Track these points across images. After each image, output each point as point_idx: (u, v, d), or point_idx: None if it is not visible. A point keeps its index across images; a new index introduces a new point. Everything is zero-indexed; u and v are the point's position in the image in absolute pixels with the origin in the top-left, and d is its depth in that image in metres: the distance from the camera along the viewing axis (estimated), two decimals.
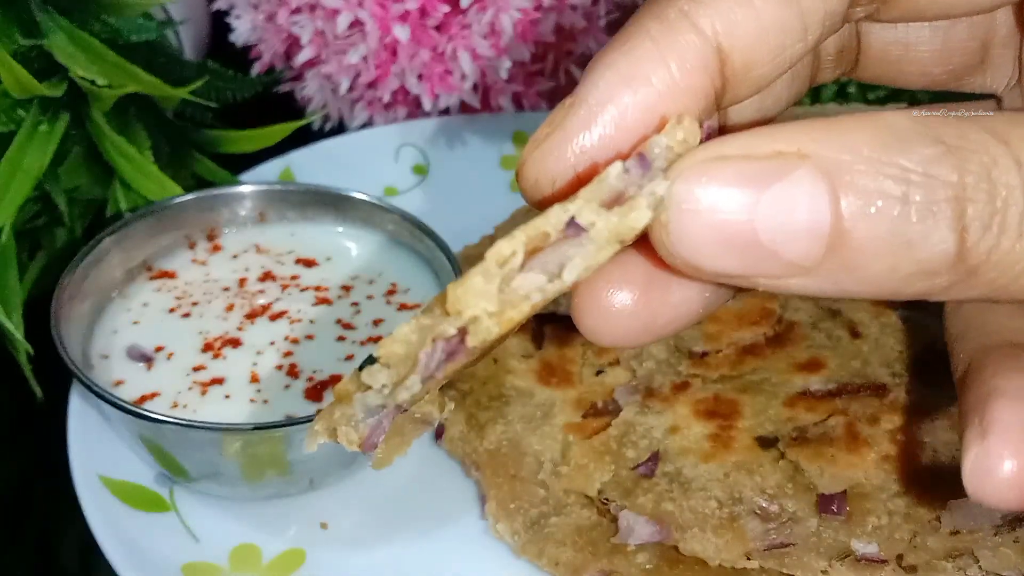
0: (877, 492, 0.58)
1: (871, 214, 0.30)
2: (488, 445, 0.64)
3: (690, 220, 0.31)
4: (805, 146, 0.30)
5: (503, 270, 0.31)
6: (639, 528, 0.58)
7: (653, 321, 0.37)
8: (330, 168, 0.87)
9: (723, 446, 0.60)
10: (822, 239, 0.30)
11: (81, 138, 0.73)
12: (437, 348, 0.32)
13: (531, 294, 0.32)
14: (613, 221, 0.31)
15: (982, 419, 0.35)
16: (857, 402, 0.62)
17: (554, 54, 0.89)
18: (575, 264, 0.32)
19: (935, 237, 0.30)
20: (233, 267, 0.74)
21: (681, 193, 0.31)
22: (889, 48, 0.43)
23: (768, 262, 0.31)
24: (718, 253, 0.31)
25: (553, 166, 0.35)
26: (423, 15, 0.84)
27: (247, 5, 0.89)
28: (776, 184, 0.30)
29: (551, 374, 0.67)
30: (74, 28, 0.71)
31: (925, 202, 0.30)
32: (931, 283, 0.31)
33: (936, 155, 0.30)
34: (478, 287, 0.31)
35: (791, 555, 0.56)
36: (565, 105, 0.35)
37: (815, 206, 0.30)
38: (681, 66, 0.34)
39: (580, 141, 0.35)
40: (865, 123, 0.31)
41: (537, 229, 0.31)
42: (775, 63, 0.35)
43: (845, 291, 0.32)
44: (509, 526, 0.61)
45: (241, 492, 0.65)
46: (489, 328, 0.31)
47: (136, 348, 0.67)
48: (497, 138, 0.90)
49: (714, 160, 0.31)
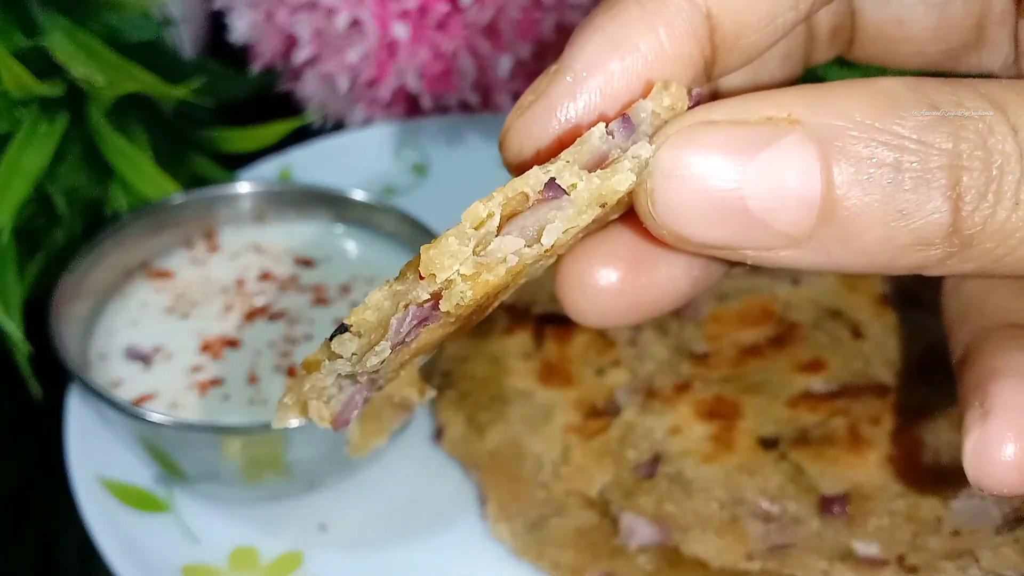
0: (878, 493, 0.58)
1: (864, 182, 0.29)
2: (488, 446, 0.64)
3: (676, 187, 0.30)
4: (796, 111, 0.30)
5: (479, 232, 0.30)
6: (640, 529, 0.58)
7: (639, 300, 0.36)
8: (329, 167, 0.86)
9: (724, 447, 0.60)
10: (813, 208, 0.30)
11: (80, 138, 0.72)
12: (409, 313, 0.31)
13: (508, 257, 0.30)
14: (595, 183, 0.31)
15: (983, 401, 0.34)
16: (859, 403, 0.62)
17: (554, 53, 0.89)
18: (554, 227, 0.30)
19: (929, 206, 0.29)
20: (232, 267, 0.74)
21: (667, 159, 0.30)
22: (884, 26, 0.42)
23: (757, 232, 0.30)
24: (705, 222, 0.31)
25: (537, 134, 0.34)
26: (423, 14, 0.84)
27: (246, 4, 0.89)
28: (765, 150, 0.30)
29: (551, 374, 0.67)
30: (73, 28, 0.71)
31: (919, 170, 0.29)
32: (925, 254, 0.30)
33: (931, 122, 0.29)
34: (451, 248, 0.30)
35: (792, 556, 0.56)
36: (550, 72, 0.34)
37: (806, 173, 0.29)
38: (670, 32, 0.33)
39: (565, 109, 0.34)
40: (859, 88, 0.30)
41: (515, 190, 0.31)
42: (766, 31, 0.34)
43: (837, 263, 0.31)
44: (509, 527, 0.61)
45: (240, 493, 0.65)
46: (463, 292, 0.30)
47: (134, 348, 0.67)
48: (497, 138, 0.90)
49: (701, 125, 0.31)
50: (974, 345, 0.37)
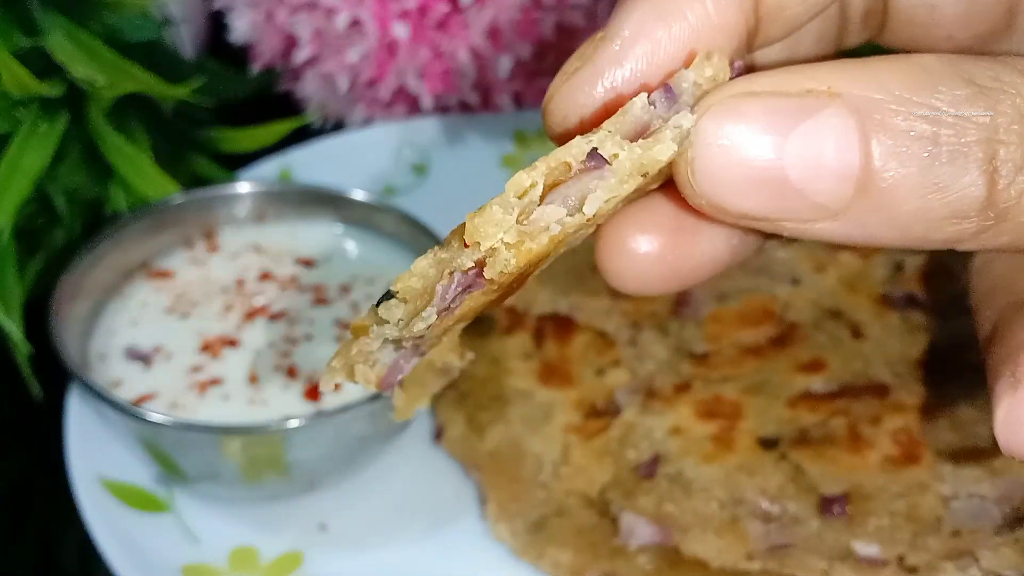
0: (878, 493, 0.58)
1: (901, 154, 0.29)
2: (488, 446, 0.64)
3: (716, 157, 0.31)
4: (836, 84, 0.30)
5: (522, 201, 0.30)
6: (640, 529, 0.58)
7: (679, 267, 0.36)
8: (329, 167, 0.86)
9: (724, 447, 0.60)
10: (851, 180, 0.30)
11: (80, 138, 0.72)
12: (454, 280, 0.31)
13: (550, 225, 0.31)
14: (636, 153, 0.31)
15: (1014, 371, 0.34)
16: (859, 403, 0.61)
17: (555, 53, 0.89)
18: (596, 196, 0.31)
19: (965, 179, 0.29)
20: (231, 267, 0.74)
21: (708, 129, 0.31)
22: (915, 11, 0.42)
23: (795, 203, 0.31)
24: (744, 193, 0.31)
25: (582, 101, 0.34)
26: (423, 14, 0.84)
27: (246, 4, 0.89)
28: (805, 122, 0.30)
29: (551, 374, 0.67)
30: (73, 28, 0.71)
31: (956, 143, 0.29)
32: (960, 227, 0.30)
33: (968, 96, 0.30)
34: (496, 217, 0.30)
35: (792, 556, 0.56)
36: (596, 39, 0.34)
37: (845, 145, 0.30)
38: (716, 2, 0.33)
39: (610, 76, 0.34)
40: (897, 63, 0.30)
41: (558, 160, 0.31)
42: (808, 4, 0.35)
43: (873, 236, 0.31)
44: (509, 527, 0.61)
45: (240, 493, 0.65)
46: (507, 259, 0.30)
47: (134, 348, 0.67)
48: (497, 138, 0.90)
49: (743, 96, 0.31)
50: (1003, 320, 0.37)
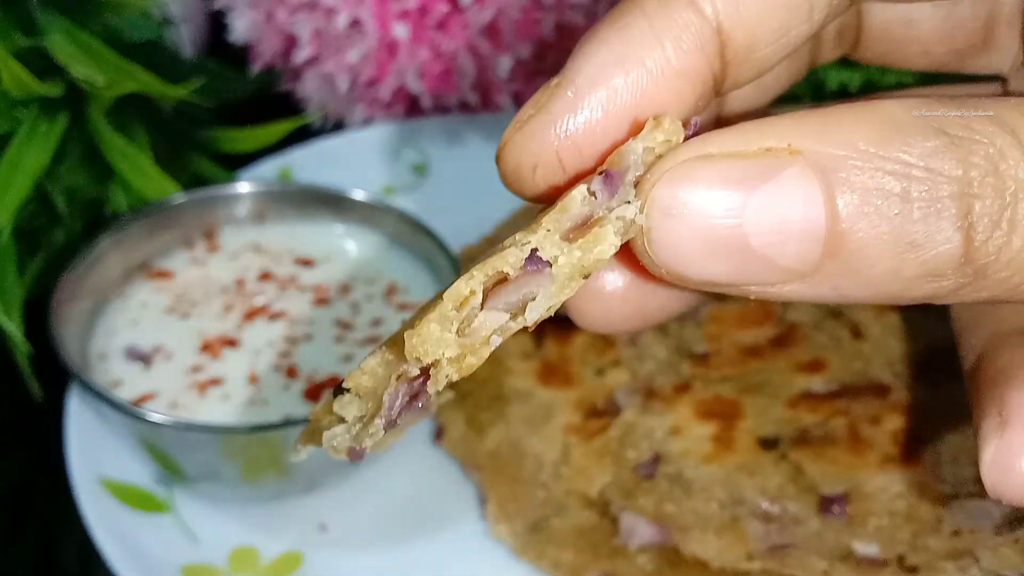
0: (878, 493, 0.58)
1: (870, 213, 0.28)
2: (488, 446, 0.64)
3: (673, 226, 0.29)
4: (796, 141, 0.29)
5: (462, 312, 0.30)
6: (640, 529, 0.58)
7: (646, 305, 0.36)
8: (329, 167, 0.86)
9: (724, 447, 0.60)
10: (818, 241, 0.29)
11: (80, 137, 0.72)
12: (400, 390, 0.31)
13: (491, 337, 0.30)
14: (576, 256, 0.30)
15: (1001, 410, 0.34)
16: (859, 403, 0.61)
17: (554, 53, 0.89)
18: (537, 304, 0.30)
19: (940, 236, 0.28)
20: (231, 267, 0.74)
21: (662, 196, 0.29)
22: (890, 27, 0.41)
23: (760, 268, 0.29)
24: (705, 260, 0.30)
25: (536, 150, 0.33)
26: (423, 14, 0.84)
27: (246, 4, 0.89)
28: (766, 184, 0.29)
29: (551, 374, 0.67)
30: (73, 28, 0.71)
31: (928, 199, 0.28)
32: (937, 285, 0.29)
33: (938, 147, 0.28)
34: (434, 335, 0.29)
35: (792, 556, 0.56)
36: (551, 85, 0.33)
37: (809, 206, 0.28)
38: (677, 47, 0.32)
39: (565, 125, 0.32)
40: (861, 113, 0.29)
41: (495, 268, 0.30)
42: (779, 44, 0.33)
43: (845, 296, 0.30)
44: (509, 527, 0.61)
45: (240, 493, 0.65)
46: (449, 374, 0.30)
47: (134, 348, 0.67)
48: (497, 138, 0.89)
49: (698, 160, 0.29)
50: (988, 352, 0.37)
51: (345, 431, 0.32)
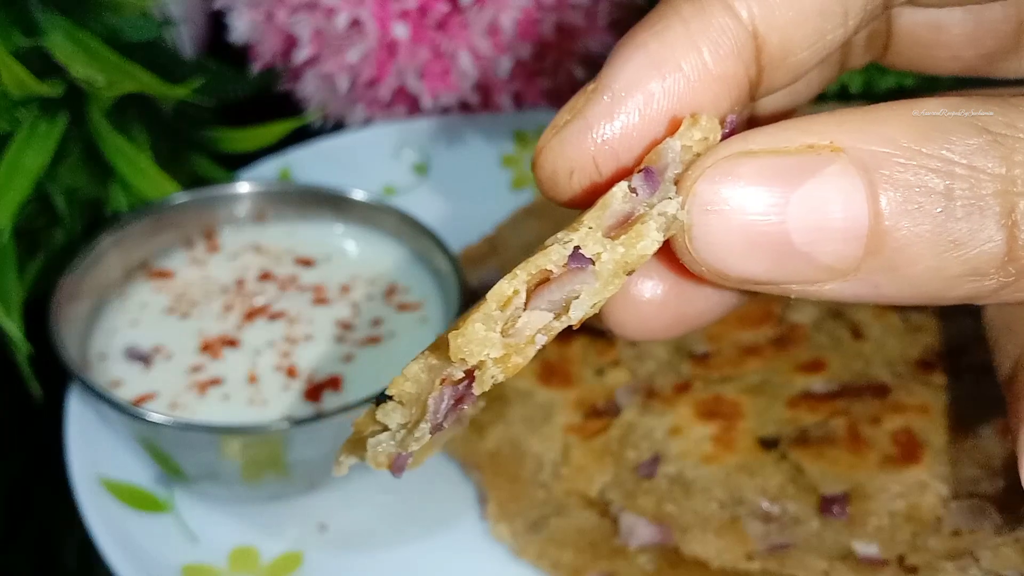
0: (878, 493, 0.58)
1: (913, 211, 0.28)
2: (488, 446, 0.64)
3: (715, 223, 0.29)
4: (839, 138, 0.29)
5: (506, 313, 0.30)
6: (640, 529, 0.58)
7: (683, 313, 0.35)
8: (329, 167, 0.86)
9: (725, 447, 0.60)
10: (860, 240, 0.28)
11: (80, 138, 0.72)
12: (445, 393, 0.30)
13: (536, 336, 0.30)
14: (619, 252, 0.30)
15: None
16: (859, 403, 0.61)
17: (555, 53, 0.89)
18: (581, 302, 0.30)
19: (983, 235, 0.28)
20: (231, 267, 0.74)
21: (704, 193, 0.29)
22: (919, 31, 0.41)
23: (802, 266, 0.29)
24: (746, 258, 0.29)
25: (572, 156, 0.33)
26: (423, 14, 0.84)
27: (246, 4, 0.89)
28: (808, 181, 0.28)
29: (551, 374, 0.67)
30: (73, 28, 0.71)
31: (971, 197, 0.28)
32: (979, 285, 0.29)
33: (981, 145, 0.28)
34: (479, 335, 0.29)
35: (792, 556, 0.56)
36: (587, 90, 0.33)
37: (852, 204, 0.28)
38: (714, 52, 0.32)
39: (601, 130, 0.32)
40: (902, 111, 0.29)
41: (538, 266, 0.30)
42: (814, 49, 0.33)
43: (885, 296, 0.30)
44: (509, 527, 0.61)
45: (240, 493, 0.65)
46: (494, 375, 0.30)
47: (134, 348, 0.67)
48: (497, 138, 0.90)
49: (739, 156, 0.29)
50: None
51: (390, 438, 0.32)
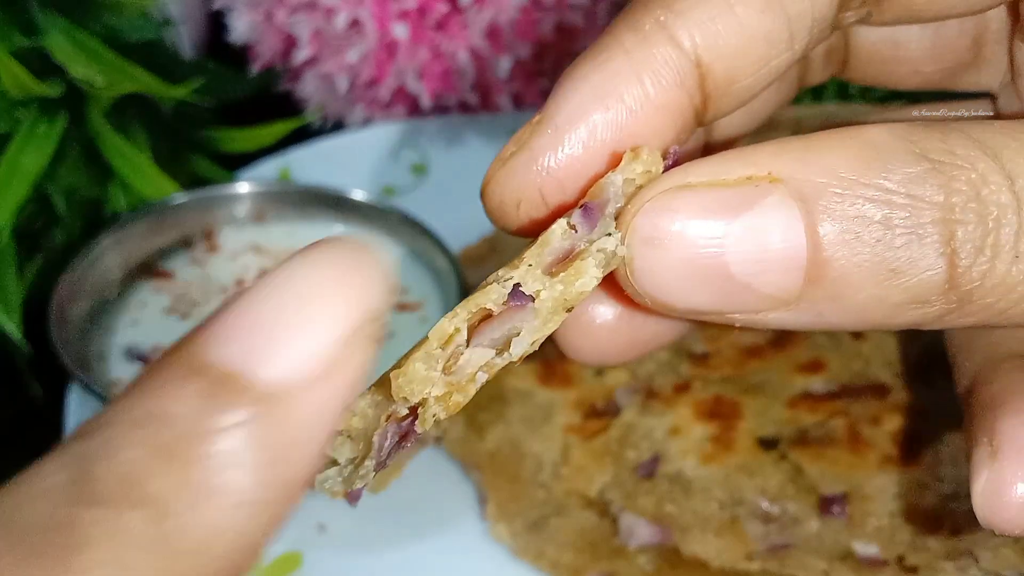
0: (878, 493, 0.58)
1: (851, 241, 0.28)
2: (488, 446, 0.64)
3: (655, 256, 0.29)
4: (777, 168, 0.29)
5: (447, 350, 0.30)
6: (640, 530, 0.58)
7: (637, 336, 0.35)
8: (329, 168, 0.86)
9: (724, 447, 0.60)
10: (800, 270, 0.28)
11: (80, 138, 0.72)
12: (389, 431, 0.30)
13: (477, 374, 0.30)
14: (558, 290, 0.30)
15: (991, 439, 0.33)
16: (858, 403, 0.62)
17: (554, 53, 0.89)
18: (522, 339, 0.30)
19: (923, 263, 0.28)
20: (231, 267, 0.74)
21: (644, 228, 0.29)
22: (878, 47, 0.41)
23: (742, 296, 0.29)
24: (687, 288, 0.29)
25: (518, 187, 0.33)
26: (422, 14, 0.84)
27: (246, 4, 0.89)
28: (746, 212, 0.28)
29: (551, 374, 0.67)
30: (73, 28, 0.71)
31: (910, 225, 0.28)
32: (922, 312, 0.29)
33: (920, 174, 0.28)
34: (419, 374, 0.29)
35: (792, 556, 0.56)
36: (532, 123, 0.33)
37: (790, 234, 0.28)
38: (656, 82, 0.32)
39: (546, 162, 0.32)
40: (843, 140, 0.29)
41: (478, 305, 0.30)
42: (760, 75, 0.33)
43: (829, 323, 0.30)
44: (509, 528, 0.61)
45: None
46: (436, 412, 0.30)
47: (134, 349, 0.67)
48: (497, 138, 0.90)
49: (678, 189, 0.29)
50: (980, 376, 0.36)
51: (337, 473, 0.32)
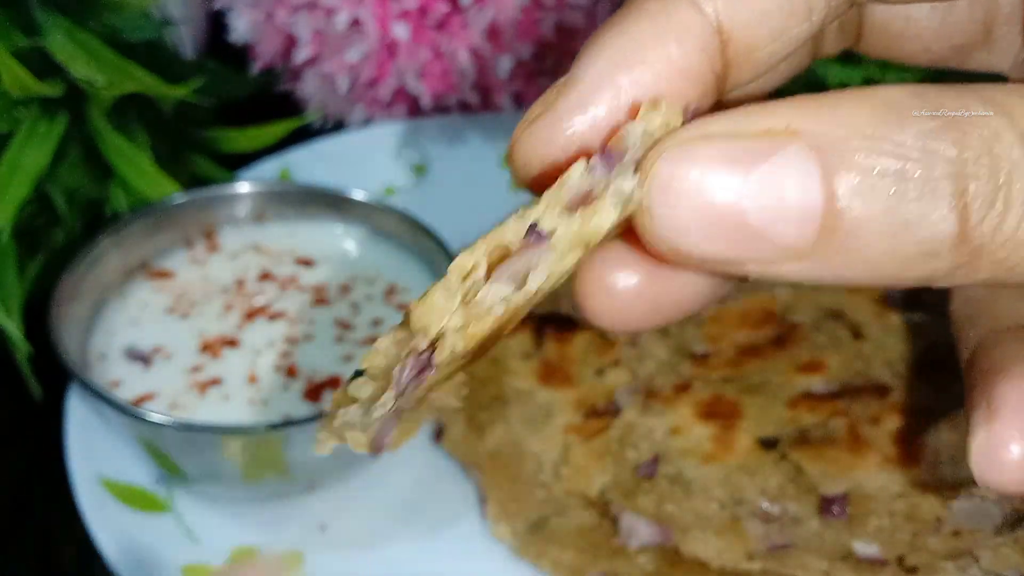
0: (878, 493, 0.58)
1: (866, 192, 0.29)
2: (488, 446, 0.64)
3: (674, 202, 0.30)
4: (795, 122, 0.29)
5: (466, 284, 0.30)
6: (640, 530, 0.58)
7: (659, 303, 0.36)
8: (329, 167, 0.86)
9: (724, 447, 0.60)
10: (814, 220, 0.29)
11: (80, 138, 0.72)
12: (408, 364, 0.31)
13: (495, 306, 0.30)
14: (575, 227, 0.30)
15: (989, 401, 0.34)
16: (859, 403, 0.62)
17: (555, 53, 0.89)
18: (538, 273, 0.30)
19: (935, 216, 0.28)
20: (231, 267, 0.74)
21: (663, 174, 0.30)
22: (890, 21, 0.41)
23: (758, 246, 0.30)
24: (704, 237, 0.30)
25: (544, 148, 0.34)
26: (423, 14, 0.84)
27: (246, 4, 0.89)
28: (764, 163, 0.29)
29: (551, 374, 0.67)
30: (73, 27, 0.71)
31: (924, 179, 0.28)
32: (933, 266, 0.29)
33: (935, 129, 0.29)
34: (437, 304, 0.30)
35: (792, 556, 0.56)
36: (559, 84, 0.34)
37: (806, 185, 0.29)
38: (680, 46, 0.32)
39: (572, 123, 0.33)
40: (860, 97, 0.29)
41: (496, 240, 0.30)
42: (778, 44, 0.33)
43: (841, 276, 0.30)
44: (509, 528, 0.61)
45: (240, 493, 0.65)
46: (454, 344, 0.30)
47: (134, 348, 0.67)
48: (497, 138, 0.90)
49: (698, 139, 0.30)
50: (981, 346, 0.37)
51: (358, 411, 0.33)
